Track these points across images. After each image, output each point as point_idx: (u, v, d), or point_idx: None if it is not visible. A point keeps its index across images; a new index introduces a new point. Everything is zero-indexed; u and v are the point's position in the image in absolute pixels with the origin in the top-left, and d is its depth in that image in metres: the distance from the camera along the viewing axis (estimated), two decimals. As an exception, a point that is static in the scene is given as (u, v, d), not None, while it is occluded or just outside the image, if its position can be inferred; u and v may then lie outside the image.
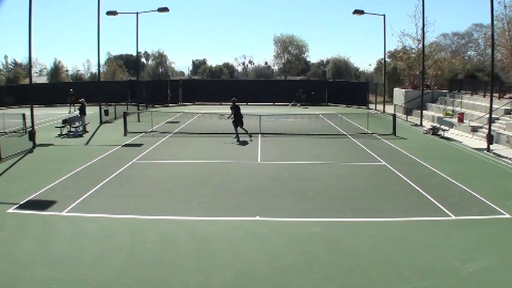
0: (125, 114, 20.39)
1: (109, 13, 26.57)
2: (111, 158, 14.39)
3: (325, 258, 6.63)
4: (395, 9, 76.67)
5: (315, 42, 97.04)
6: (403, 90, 32.03)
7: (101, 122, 23.79)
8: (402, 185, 11.06)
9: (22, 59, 53.68)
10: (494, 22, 18.24)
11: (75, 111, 27.77)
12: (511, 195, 9.98)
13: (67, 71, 55.47)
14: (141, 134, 19.45)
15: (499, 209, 8.86)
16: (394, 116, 20.78)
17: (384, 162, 13.57)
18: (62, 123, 19.79)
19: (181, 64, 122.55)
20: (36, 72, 57.25)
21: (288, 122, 24.48)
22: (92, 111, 25.04)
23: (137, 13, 28.56)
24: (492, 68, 18.34)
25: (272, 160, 14.01)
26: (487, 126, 17.12)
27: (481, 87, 24.89)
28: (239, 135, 17.96)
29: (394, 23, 56.90)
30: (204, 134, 19.63)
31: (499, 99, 21.47)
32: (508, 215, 8.52)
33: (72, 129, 19.81)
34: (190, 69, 72.46)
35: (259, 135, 19.04)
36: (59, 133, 19.33)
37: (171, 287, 5.78)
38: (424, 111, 24.78)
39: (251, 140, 17.60)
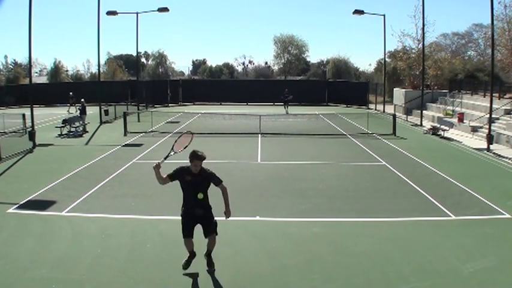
0: (125, 114, 20.39)
1: (109, 13, 26.62)
2: (111, 158, 14.39)
3: (325, 258, 6.63)
4: (395, 9, 76.92)
5: (315, 42, 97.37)
6: (403, 90, 32.02)
7: (101, 122, 23.80)
8: (402, 185, 11.06)
9: (22, 59, 53.56)
10: (494, 22, 18.26)
11: (76, 111, 27.77)
12: (511, 195, 9.98)
13: (67, 71, 55.48)
14: (141, 134, 19.45)
15: (499, 209, 8.86)
16: (394, 116, 20.78)
17: (384, 162, 13.57)
18: (62, 123, 19.80)
19: (181, 64, 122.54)
20: (36, 72, 57.23)
21: (288, 122, 24.49)
22: (92, 111, 25.05)
23: (137, 13, 28.65)
24: (492, 68, 18.36)
25: (272, 160, 14.01)
26: (487, 126, 17.11)
27: (481, 87, 24.88)
28: None
29: (394, 23, 57.28)
30: (204, 134, 19.62)
31: (499, 99, 21.45)
32: (508, 215, 8.52)
33: (72, 129, 19.81)
34: (190, 69, 72.53)
35: (259, 135, 19.05)
36: (59, 133, 19.33)
37: (171, 287, 5.78)
38: (424, 111, 24.77)
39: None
